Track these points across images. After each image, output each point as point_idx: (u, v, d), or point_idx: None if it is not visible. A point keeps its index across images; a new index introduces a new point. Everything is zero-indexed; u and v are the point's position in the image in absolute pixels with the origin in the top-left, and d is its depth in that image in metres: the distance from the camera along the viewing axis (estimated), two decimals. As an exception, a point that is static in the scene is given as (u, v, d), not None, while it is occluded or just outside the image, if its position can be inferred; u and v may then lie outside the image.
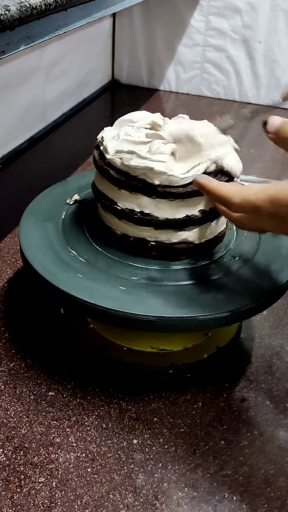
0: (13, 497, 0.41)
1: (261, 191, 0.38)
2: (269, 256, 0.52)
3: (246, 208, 0.39)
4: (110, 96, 1.36)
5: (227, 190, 0.41)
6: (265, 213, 0.38)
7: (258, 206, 0.38)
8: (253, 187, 0.39)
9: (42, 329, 0.57)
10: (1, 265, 0.67)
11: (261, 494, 0.42)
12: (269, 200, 0.37)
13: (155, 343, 0.53)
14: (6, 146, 0.96)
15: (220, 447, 0.46)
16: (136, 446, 0.45)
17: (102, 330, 0.55)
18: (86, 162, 0.95)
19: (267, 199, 0.38)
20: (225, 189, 0.41)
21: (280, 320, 0.60)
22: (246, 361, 0.55)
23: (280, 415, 0.49)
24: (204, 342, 0.54)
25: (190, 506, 0.41)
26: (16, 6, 0.44)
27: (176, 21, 1.26)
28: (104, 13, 0.66)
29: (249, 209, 0.39)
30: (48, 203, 0.58)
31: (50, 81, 1.06)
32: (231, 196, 0.40)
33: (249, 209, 0.39)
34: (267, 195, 0.38)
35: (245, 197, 0.39)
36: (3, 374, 0.51)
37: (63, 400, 0.49)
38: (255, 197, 0.38)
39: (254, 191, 0.39)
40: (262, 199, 0.38)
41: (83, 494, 0.41)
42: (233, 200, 0.40)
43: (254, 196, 0.38)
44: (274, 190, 0.38)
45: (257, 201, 0.38)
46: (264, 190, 0.38)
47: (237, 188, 0.41)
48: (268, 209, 0.38)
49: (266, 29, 1.19)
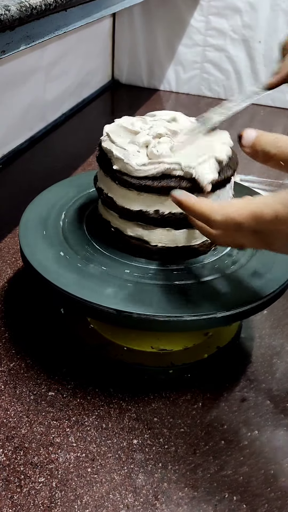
0: (13, 497, 0.41)
1: (243, 207, 0.37)
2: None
3: (227, 225, 0.38)
4: (110, 96, 1.36)
5: (207, 207, 0.39)
6: (247, 229, 0.37)
7: (240, 223, 0.37)
8: (234, 203, 0.38)
9: (42, 329, 0.57)
10: (1, 265, 0.67)
11: (261, 494, 0.42)
12: (252, 216, 0.36)
13: (155, 343, 0.53)
14: (6, 146, 0.96)
15: (220, 447, 0.45)
16: (136, 446, 0.45)
17: (102, 330, 0.55)
18: (86, 162, 0.95)
19: (250, 216, 0.36)
20: (205, 206, 0.39)
21: (280, 320, 0.60)
22: (246, 361, 0.55)
23: (280, 415, 0.49)
24: (204, 342, 0.54)
25: (190, 506, 0.41)
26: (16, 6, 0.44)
27: (176, 21, 1.27)
28: (104, 13, 0.66)
29: (231, 226, 0.37)
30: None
31: (50, 81, 1.06)
32: (211, 213, 0.38)
33: (231, 226, 0.37)
34: (249, 211, 0.36)
35: (227, 214, 0.37)
36: (3, 374, 0.51)
37: (63, 400, 0.49)
38: (237, 214, 0.37)
39: (236, 207, 0.37)
40: (244, 215, 0.36)
41: (83, 494, 0.41)
42: (214, 217, 0.38)
43: (236, 213, 0.37)
44: (255, 205, 0.36)
45: (239, 218, 0.36)
46: (246, 206, 0.36)
47: (216, 204, 0.39)
48: (250, 226, 0.36)
49: (266, 29, 1.19)
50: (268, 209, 0.35)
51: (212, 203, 0.39)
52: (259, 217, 0.36)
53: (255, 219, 0.36)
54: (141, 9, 1.28)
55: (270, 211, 0.35)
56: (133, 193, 0.47)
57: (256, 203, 0.36)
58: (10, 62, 0.89)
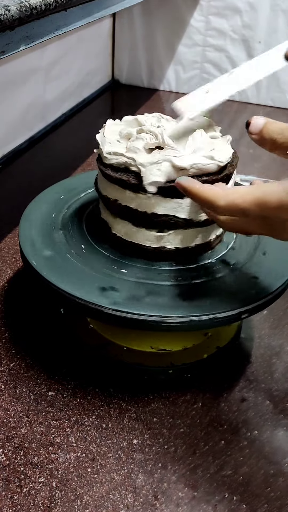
0: (13, 497, 0.41)
1: (247, 193, 0.37)
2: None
3: (232, 211, 0.38)
4: (110, 96, 1.36)
5: (212, 193, 0.39)
6: (252, 216, 0.37)
7: (244, 209, 0.37)
8: (239, 189, 0.38)
9: (42, 329, 0.57)
10: (1, 265, 0.67)
11: (261, 494, 0.42)
12: (256, 202, 0.36)
13: (155, 343, 0.53)
14: (6, 146, 0.96)
15: (220, 447, 0.46)
16: (136, 446, 0.45)
17: (102, 330, 0.55)
18: (86, 162, 0.95)
19: (254, 202, 0.36)
20: (210, 192, 0.39)
21: (279, 320, 0.60)
22: (246, 361, 0.55)
23: (280, 415, 0.49)
24: (204, 342, 0.55)
25: (190, 506, 0.41)
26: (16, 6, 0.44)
27: (176, 21, 1.26)
28: (104, 13, 0.66)
29: (236, 212, 0.38)
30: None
31: (50, 81, 1.06)
32: (216, 199, 0.38)
33: (236, 212, 0.38)
34: (254, 197, 0.36)
35: (231, 200, 0.37)
36: (3, 374, 0.51)
37: (63, 400, 0.49)
38: (241, 200, 0.37)
39: (241, 193, 0.37)
40: (248, 201, 0.36)
41: (83, 494, 0.41)
42: (218, 203, 0.38)
43: (241, 199, 0.37)
44: (260, 192, 0.36)
45: (244, 204, 0.37)
46: (250, 192, 0.37)
47: (222, 190, 0.39)
48: (255, 212, 0.36)
49: (266, 29, 1.19)
50: (273, 196, 0.35)
51: (217, 189, 0.39)
52: (263, 204, 0.36)
53: (259, 205, 0.36)
54: (141, 9, 1.28)
55: (275, 198, 0.35)
56: (106, 181, 0.49)
57: (260, 190, 0.36)
58: (10, 62, 0.89)
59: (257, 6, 1.17)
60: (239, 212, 0.37)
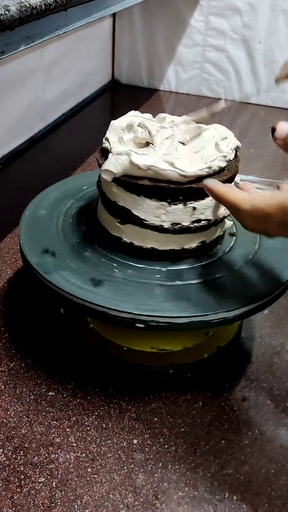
0: (13, 497, 0.41)
1: (270, 198, 0.38)
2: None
3: (255, 215, 0.39)
4: (110, 96, 1.36)
5: (236, 197, 0.41)
6: (275, 220, 0.38)
7: (267, 213, 0.38)
8: (263, 194, 0.39)
9: (42, 329, 0.57)
10: (1, 265, 0.67)
11: (262, 494, 0.42)
12: (279, 207, 0.37)
13: (155, 343, 0.53)
14: (6, 146, 0.96)
15: (221, 447, 0.45)
16: (136, 446, 0.45)
17: (102, 330, 0.55)
18: (86, 162, 0.95)
19: (277, 207, 0.37)
20: (234, 196, 0.41)
21: (280, 320, 0.60)
22: (247, 361, 0.55)
23: (281, 414, 0.49)
24: (205, 341, 0.54)
25: (190, 506, 0.41)
26: (16, 6, 0.44)
27: (176, 21, 1.27)
28: (104, 13, 0.66)
29: (259, 216, 0.39)
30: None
31: (50, 81, 1.06)
32: (240, 203, 0.40)
33: (259, 216, 0.39)
34: (277, 202, 0.38)
35: (255, 205, 0.39)
36: (3, 374, 0.51)
37: (63, 400, 0.49)
38: (264, 205, 0.38)
39: (264, 198, 0.39)
40: (271, 206, 0.38)
41: (83, 494, 0.41)
42: (242, 207, 0.40)
43: (264, 204, 0.38)
44: (284, 197, 0.37)
45: (267, 208, 0.38)
46: (274, 197, 0.38)
47: (246, 194, 0.41)
48: (278, 216, 0.38)
49: (266, 29, 1.19)
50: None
51: (242, 193, 0.41)
52: (286, 208, 0.37)
53: (282, 209, 0.37)
54: (141, 9, 1.28)
55: None
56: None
57: (284, 195, 0.38)
58: (10, 62, 0.89)
59: (257, 6, 1.17)
60: (262, 216, 0.39)
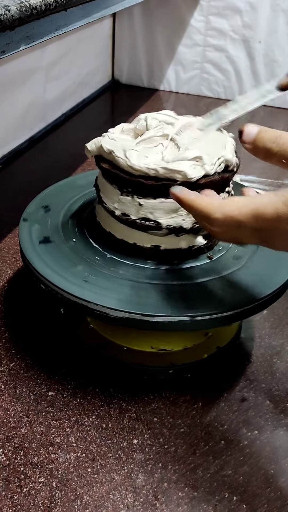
0: (13, 497, 0.41)
1: (243, 205, 0.36)
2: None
3: (227, 223, 0.37)
4: (110, 96, 1.36)
5: (206, 205, 0.38)
6: (248, 228, 0.36)
7: (240, 221, 0.36)
8: (235, 201, 0.37)
9: (42, 329, 0.57)
10: (1, 265, 0.67)
11: (261, 494, 0.42)
12: (252, 215, 0.35)
13: (155, 343, 0.53)
14: (6, 146, 0.96)
15: (220, 447, 0.46)
16: (136, 446, 0.45)
17: (102, 330, 0.55)
18: (86, 162, 0.95)
19: (250, 214, 0.35)
20: (205, 204, 0.39)
21: (280, 320, 0.60)
22: (246, 361, 0.55)
23: (280, 415, 0.49)
24: (204, 342, 0.54)
25: (190, 506, 0.41)
26: (16, 6, 0.44)
27: (176, 21, 1.26)
28: (104, 13, 0.66)
29: (231, 224, 0.37)
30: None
31: (50, 81, 1.06)
32: (211, 212, 0.38)
33: (231, 224, 0.37)
34: (250, 210, 0.35)
35: (227, 213, 0.37)
36: (3, 374, 0.51)
37: (63, 400, 0.49)
38: (237, 212, 0.36)
39: (236, 205, 0.36)
40: (244, 214, 0.36)
41: (83, 494, 0.41)
42: (214, 216, 0.37)
43: (237, 211, 0.36)
44: (257, 204, 0.35)
45: (239, 216, 0.36)
46: (247, 205, 0.36)
47: (216, 202, 0.38)
48: (251, 224, 0.36)
49: (266, 29, 1.19)
50: (269, 207, 0.35)
51: (212, 201, 0.39)
52: (259, 216, 0.35)
53: (256, 217, 0.35)
54: (141, 9, 1.28)
55: (271, 210, 0.35)
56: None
57: (257, 201, 0.35)
58: (10, 62, 0.89)
59: (257, 6, 1.17)
60: (235, 224, 0.37)
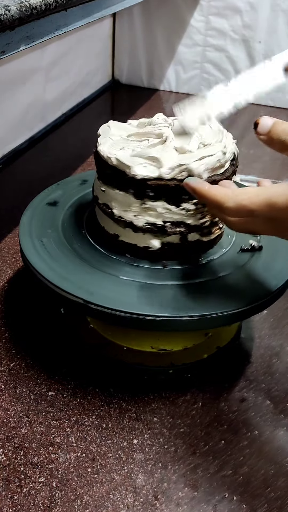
0: (13, 497, 0.41)
1: (255, 194, 0.37)
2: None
3: (240, 212, 0.38)
4: (110, 96, 1.36)
5: (220, 194, 0.39)
6: (260, 217, 0.37)
7: (252, 210, 0.37)
8: (247, 190, 0.38)
9: (42, 329, 0.57)
10: (1, 265, 0.67)
11: (261, 495, 0.42)
12: (264, 204, 0.36)
13: (155, 343, 0.53)
14: (6, 146, 0.96)
15: (220, 447, 0.46)
16: (136, 446, 0.45)
17: (102, 330, 0.55)
18: (86, 162, 0.95)
19: (262, 203, 0.36)
20: (218, 193, 0.40)
21: (279, 320, 0.60)
22: (246, 361, 0.55)
23: (280, 415, 0.49)
24: (204, 342, 0.55)
25: (190, 506, 0.41)
26: (16, 6, 0.44)
27: (176, 21, 1.27)
28: (104, 13, 0.66)
29: (244, 213, 0.38)
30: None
31: (50, 81, 1.06)
32: (224, 201, 0.39)
33: (244, 213, 0.38)
34: (262, 199, 0.36)
35: (239, 202, 0.38)
36: (3, 374, 0.51)
37: (63, 400, 0.49)
38: (249, 201, 0.37)
39: (249, 195, 0.37)
40: (256, 203, 0.37)
41: (83, 494, 0.41)
42: (226, 205, 0.38)
43: (248, 200, 0.37)
44: (269, 193, 0.36)
45: (252, 205, 0.37)
46: (258, 194, 0.37)
47: (230, 191, 0.39)
48: (263, 213, 0.37)
49: (266, 29, 1.19)
50: (281, 197, 0.36)
51: (226, 191, 0.40)
52: (272, 205, 0.36)
53: (268, 206, 0.36)
54: (141, 9, 1.28)
55: (283, 199, 0.35)
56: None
57: (270, 191, 0.36)
58: (10, 62, 0.89)
59: (257, 6, 1.17)
60: (247, 213, 0.38)
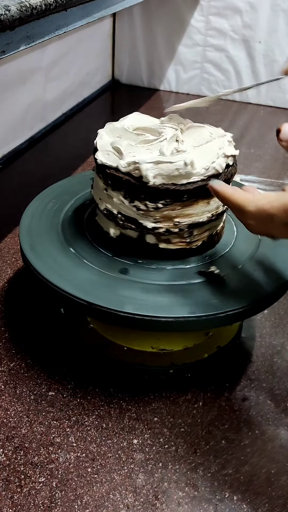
0: (13, 497, 0.41)
1: (275, 200, 0.38)
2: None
3: (260, 216, 0.39)
4: (110, 96, 1.36)
5: (241, 198, 0.41)
6: (279, 221, 0.38)
7: (272, 214, 0.38)
8: (268, 195, 0.39)
9: (42, 329, 0.57)
10: (1, 265, 0.67)
11: (262, 493, 0.42)
12: (283, 209, 0.37)
13: (155, 343, 0.53)
14: (6, 146, 0.96)
15: (221, 447, 0.45)
16: (136, 446, 0.45)
17: (102, 330, 0.55)
18: (86, 162, 0.95)
19: (282, 208, 0.38)
20: (239, 197, 0.41)
21: (281, 319, 0.60)
22: (247, 361, 0.55)
23: (281, 414, 0.49)
24: (205, 341, 0.54)
25: (190, 506, 0.41)
26: (16, 6, 0.44)
27: (176, 21, 1.27)
28: (104, 13, 0.66)
29: (263, 217, 0.39)
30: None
31: (50, 81, 1.06)
32: (245, 205, 0.40)
33: (263, 217, 0.39)
34: (281, 204, 0.38)
35: (260, 206, 0.39)
36: (3, 374, 0.51)
37: (63, 400, 0.49)
38: (269, 206, 0.38)
39: (269, 199, 0.39)
40: (276, 208, 0.38)
41: (83, 494, 0.41)
42: (247, 209, 0.40)
43: (269, 205, 0.38)
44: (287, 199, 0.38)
45: (271, 210, 0.38)
46: (278, 199, 0.38)
47: (251, 196, 0.41)
48: (282, 218, 0.38)
49: (266, 29, 1.19)
50: None
51: (247, 195, 0.41)
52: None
53: (285, 211, 0.37)
54: (141, 9, 1.28)
55: None
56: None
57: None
58: (10, 62, 0.89)
59: (257, 6, 1.17)
60: (267, 217, 0.39)
